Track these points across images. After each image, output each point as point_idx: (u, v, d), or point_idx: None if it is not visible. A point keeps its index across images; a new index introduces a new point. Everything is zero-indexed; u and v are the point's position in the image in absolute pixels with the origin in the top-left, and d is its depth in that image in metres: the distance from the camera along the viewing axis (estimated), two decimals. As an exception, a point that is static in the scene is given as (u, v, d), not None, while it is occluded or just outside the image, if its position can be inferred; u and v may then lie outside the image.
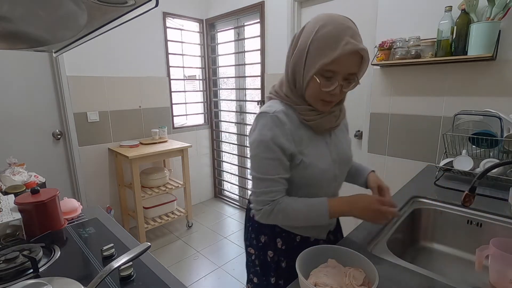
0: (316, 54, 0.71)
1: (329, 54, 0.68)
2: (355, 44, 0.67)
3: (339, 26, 0.69)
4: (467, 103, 1.53)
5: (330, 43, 0.69)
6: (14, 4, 0.45)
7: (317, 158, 0.81)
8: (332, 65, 0.69)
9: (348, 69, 0.70)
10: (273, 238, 0.90)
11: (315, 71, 0.71)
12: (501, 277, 0.80)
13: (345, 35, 0.68)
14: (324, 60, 0.69)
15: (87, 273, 0.80)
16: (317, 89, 0.73)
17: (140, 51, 2.71)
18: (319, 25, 0.71)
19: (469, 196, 0.83)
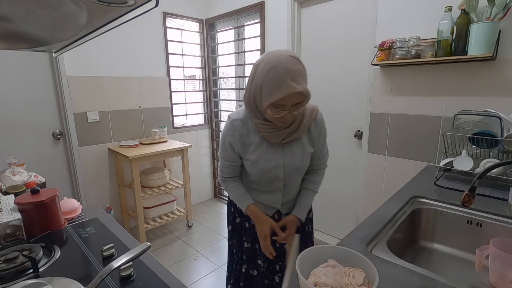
0: (266, 93, 0.88)
1: (274, 95, 0.86)
2: (294, 87, 0.84)
3: (283, 70, 0.86)
4: (467, 103, 1.53)
5: (275, 86, 0.86)
6: (14, 4, 0.45)
7: (261, 160, 1.03)
8: (279, 102, 0.87)
9: (293, 101, 0.88)
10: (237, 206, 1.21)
11: (267, 105, 0.89)
12: (501, 277, 0.80)
13: (286, 79, 0.85)
14: (271, 100, 0.87)
15: (87, 273, 0.80)
16: (271, 116, 0.92)
17: (140, 51, 2.71)
18: (268, 67, 0.88)
19: (469, 196, 0.83)
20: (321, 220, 2.53)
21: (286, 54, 0.89)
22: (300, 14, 2.35)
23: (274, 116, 0.90)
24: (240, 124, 1.02)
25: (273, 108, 0.89)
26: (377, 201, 1.97)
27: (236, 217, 1.24)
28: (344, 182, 2.31)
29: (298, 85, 0.84)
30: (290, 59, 0.88)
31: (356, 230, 0.94)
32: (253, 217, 1.09)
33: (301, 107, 0.91)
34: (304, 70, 0.91)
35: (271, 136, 1.00)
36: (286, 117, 0.90)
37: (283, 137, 1.00)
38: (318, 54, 2.29)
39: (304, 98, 0.89)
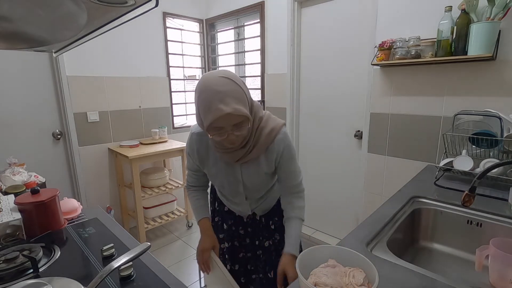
0: (202, 118, 0.84)
1: (206, 119, 0.81)
2: (221, 110, 0.78)
3: (211, 93, 0.80)
4: (467, 103, 1.53)
5: (205, 110, 0.81)
6: (14, 4, 0.45)
7: (219, 175, 1.03)
8: (214, 124, 0.81)
9: (230, 122, 0.81)
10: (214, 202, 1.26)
11: (206, 129, 0.84)
12: (501, 277, 0.80)
13: (214, 101, 0.79)
14: (206, 123, 0.82)
15: (87, 273, 0.80)
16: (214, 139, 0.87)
17: (140, 51, 2.71)
18: (198, 92, 0.83)
19: (469, 196, 0.83)
20: (321, 220, 2.53)
21: (217, 76, 0.83)
22: (300, 14, 2.35)
23: (214, 139, 0.86)
24: (197, 138, 1.00)
25: (212, 131, 0.83)
26: (377, 201, 1.97)
27: (215, 216, 1.25)
28: (344, 182, 2.31)
29: (226, 107, 0.78)
30: (220, 80, 0.82)
31: (356, 230, 0.94)
32: (201, 231, 1.10)
33: (243, 127, 0.84)
34: (239, 89, 0.83)
35: (225, 156, 0.95)
36: (230, 138, 0.84)
37: (237, 159, 0.94)
38: (318, 54, 2.29)
39: (241, 118, 0.82)
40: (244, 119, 0.83)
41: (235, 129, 0.83)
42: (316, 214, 2.53)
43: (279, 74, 2.52)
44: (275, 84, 2.56)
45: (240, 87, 0.84)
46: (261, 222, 1.18)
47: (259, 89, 2.75)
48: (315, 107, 2.39)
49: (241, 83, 0.86)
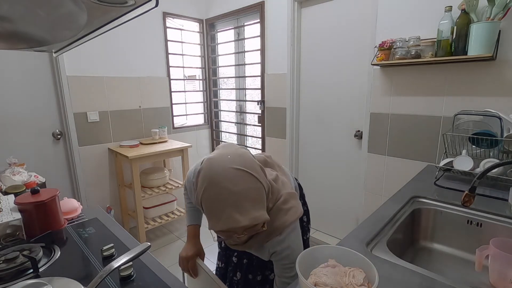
0: (206, 215, 0.69)
1: (214, 224, 0.66)
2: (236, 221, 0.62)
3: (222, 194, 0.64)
4: (467, 103, 1.53)
5: (213, 213, 0.65)
6: (14, 4, 0.45)
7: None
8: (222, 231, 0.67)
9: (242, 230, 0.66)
10: None
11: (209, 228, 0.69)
12: (501, 277, 0.80)
13: (227, 207, 0.63)
14: (211, 226, 0.67)
15: (87, 273, 0.80)
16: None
17: (140, 51, 2.71)
18: (204, 186, 0.67)
19: (469, 196, 0.83)
20: (321, 220, 2.53)
21: (230, 166, 0.65)
22: (300, 14, 2.35)
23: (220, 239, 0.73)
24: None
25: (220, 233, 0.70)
26: (377, 201, 1.97)
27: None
28: (344, 182, 2.31)
29: (242, 217, 0.62)
30: (234, 174, 0.65)
31: (356, 230, 0.94)
32: (188, 236, 1.03)
33: (257, 229, 0.70)
34: (257, 186, 0.67)
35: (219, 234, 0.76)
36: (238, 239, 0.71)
37: (231, 244, 0.84)
38: (318, 54, 2.29)
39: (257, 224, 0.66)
40: (257, 224, 0.67)
41: (246, 232, 0.69)
42: (316, 214, 2.53)
43: (279, 74, 2.52)
44: (275, 84, 2.56)
45: (259, 182, 0.68)
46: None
47: (259, 89, 2.75)
48: (315, 107, 2.39)
49: (259, 173, 0.69)
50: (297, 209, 0.82)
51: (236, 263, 1.04)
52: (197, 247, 1.00)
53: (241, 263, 1.03)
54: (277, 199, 0.80)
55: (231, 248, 1.02)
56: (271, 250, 0.80)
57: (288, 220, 0.78)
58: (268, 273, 1.02)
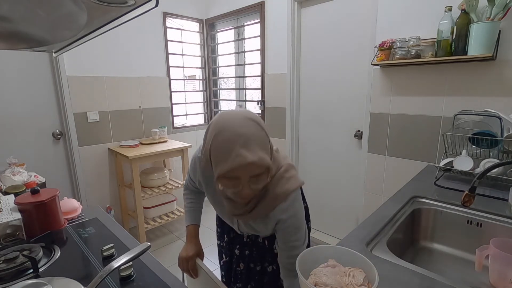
0: (214, 163, 0.71)
1: (222, 166, 0.68)
2: (244, 157, 0.65)
3: (232, 135, 0.68)
4: (467, 103, 1.53)
5: (222, 154, 0.68)
6: (14, 4, 0.45)
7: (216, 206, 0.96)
8: (229, 173, 0.68)
9: (248, 173, 0.68)
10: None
11: (217, 177, 0.70)
12: (501, 277, 0.80)
13: (235, 146, 0.66)
14: (219, 171, 0.69)
15: (87, 273, 0.80)
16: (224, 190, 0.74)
17: (140, 51, 2.71)
18: (215, 133, 0.70)
19: (469, 196, 0.83)
20: (321, 220, 2.53)
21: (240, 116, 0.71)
22: (300, 14, 2.35)
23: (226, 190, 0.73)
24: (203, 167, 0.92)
25: (226, 181, 0.70)
26: (377, 201, 1.97)
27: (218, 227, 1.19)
28: (344, 182, 2.31)
29: (250, 154, 0.66)
30: (244, 121, 0.70)
31: (356, 230, 0.94)
32: (187, 236, 1.03)
33: (262, 180, 0.71)
34: (263, 134, 0.71)
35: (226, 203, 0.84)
36: (244, 192, 0.71)
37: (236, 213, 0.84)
38: (318, 54, 2.29)
39: (262, 169, 0.69)
40: (264, 171, 0.70)
41: (251, 181, 0.70)
42: (316, 214, 2.53)
43: (279, 74, 2.52)
44: (275, 84, 2.56)
45: (265, 132, 0.72)
46: (264, 244, 1.02)
47: (259, 89, 2.75)
48: (315, 107, 2.39)
49: (265, 127, 0.74)
50: (298, 178, 0.85)
51: (238, 255, 1.08)
52: (197, 247, 1.01)
53: (243, 255, 1.06)
54: (279, 168, 0.82)
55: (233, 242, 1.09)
56: (277, 217, 0.82)
57: (290, 188, 0.81)
58: (266, 265, 1.03)
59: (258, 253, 1.03)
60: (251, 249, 1.04)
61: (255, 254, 1.03)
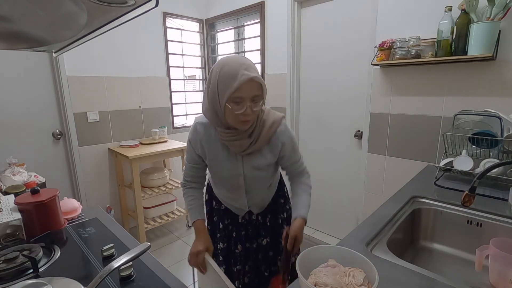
0: (223, 88, 0.88)
1: (231, 85, 0.86)
2: (248, 74, 0.85)
3: (235, 64, 0.88)
4: (467, 103, 1.53)
5: (230, 78, 0.87)
6: (14, 4, 0.45)
7: (220, 168, 1.05)
8: (236, 93, 0.86)
9: (251, 93, 0.88)
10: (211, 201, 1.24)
11: (226, 100, 0.88)
12: (501, 277, 0.80)
13: (240, 69, 0.86)
14: (229, 91, 0.86)
15: (87, 273, 0.80)
16: (232, 113, 0.90)
17: (140, 51, 2.71)
18: (221, 67, 0.89)
19: (469, 196, 0.83)
20: (321, 220, 2.53)
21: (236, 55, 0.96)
22: (300, 14, 2.35)
23: (235, 112, 0.88)
24: (202, 128, 1.02)
25: (232, 104, 0.88)
26: (377, 201, 1.97)
27: (214, 216, 1.23)
28: (344, 182, 2.31)
29: (252, 73, 0.86)
30: (240, 56, 0.93)
31: (356, 230, 0.94)
32: (196, 232, 1.06)
33: (260, 101, 0.91)
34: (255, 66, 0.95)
35: (233, 145, 0.98)
36: (247, 112, 0.88)
37: (244, 148, 0.98)
38: (318, 54, 2.29)
39: (261, 89, 0.90)
40: (260, 94, 0.90)
41: (252, 104, 0.89)
42: (316, 214, 2.53)
43: (279, 74, 2.52)
44: (275, 84, 2.56)
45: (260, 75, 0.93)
46: (257, 220, 1.18)
47: (259, 89, 2.74)
48: (315, 107, 2.39)
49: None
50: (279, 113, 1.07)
51: (235, 237, 1.18)
52: (205, 242, 1.03)
53: (240, 235, 1.18)
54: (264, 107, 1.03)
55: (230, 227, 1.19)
56: (281, 140, 1.02)
57: (279, 116, 1.04)
58: (260, 240, 1.18)
59: (253, 230, 1.18)
60: (246, 229, 1.18)
61: (251, 233, 1.18)
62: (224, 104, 0.89)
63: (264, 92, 0.92)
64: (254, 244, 1.18)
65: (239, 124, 0.93)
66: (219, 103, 0.90)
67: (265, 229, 1.18)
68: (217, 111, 0.93)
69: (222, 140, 1.00)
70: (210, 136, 1.02)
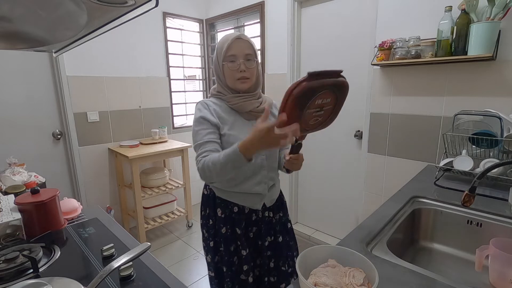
0: (219, 51, 1.04)
1: (225, 45, 1.02)
2: (237, 34, 1.02)
3: (229, 34, 1.04)
4: (467, 103, 1.53)
5: (223, 40, 1.04)
6: (14, 4, 0.45)
7: (239, 133, 1.03)
8: (229, 51, 1.01)
9: (242, 51, 1.01)
10: (214, 209, 1.13)
11: (222, 60, 1.02)
12: (501, 277, 0.80)
13: (232, 35, 1.02)
14: (223, 49, 1.01)
15: (87, 273, 0.80)
16: (230, 71, 1.03)
17: (140, 51, 2.71)
18: (220, 40, 1.06)
19: (469, 196, 0.83)
20: (321, 220, 2.53)
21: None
22: (300, 14, 2.35)
23: (231, 69, 1.01)
24: (212, 101, 1.08)
25: (229, 63, 1.01)
26: (377, 201, 1.97)
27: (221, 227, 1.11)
28: (344, 182, 2.31)
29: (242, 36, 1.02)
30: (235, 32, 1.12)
31: (356, 230, 0.94)
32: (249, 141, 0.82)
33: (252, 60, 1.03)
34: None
35: (244, 105, 1.05)
36: (242, 68, 1.01)
37: (257, 105, 1.06)
38: (318, 54, 2.28)
39: (252, 48, 1.03)
40: (252, 53, 1.03)
41: (246, 61, 1.01)
42: (316, 214, 2.53)
43: (279, 74, 2.52)
44: (275, 84, 2.56)
45: None
46: (269, 217, 1.16)
47: (259, 89, 2.75)
48: (315, 107, 2.39)
49: None
50: None
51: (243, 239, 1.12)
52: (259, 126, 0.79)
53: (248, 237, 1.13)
54: None
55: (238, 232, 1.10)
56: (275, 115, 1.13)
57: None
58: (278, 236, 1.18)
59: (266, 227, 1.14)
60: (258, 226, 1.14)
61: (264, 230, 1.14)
62: (221, 65, 1.03)
63: (255, 51, 1.04)
64: (266, 242, 1.14)
65: (238, 83, 1.03)
66: (219, 67, 1.04)
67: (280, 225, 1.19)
68: (220, 77, 1.06)
69: (233, 105, 1.06)
70: (222, 108, 1.06)
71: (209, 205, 1.15)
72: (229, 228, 1.11)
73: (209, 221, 1.15)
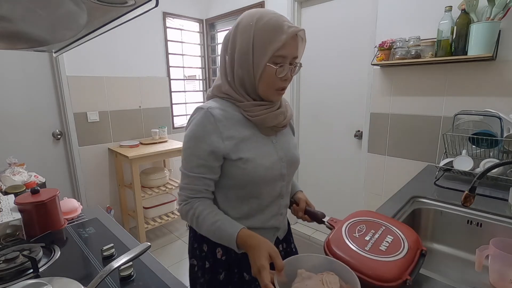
0: (265, 43, 0.70)
1: (278, 39, 0.69)
2: (296, 26, 0.71)
3: (275, 15, 0.73)
4: (467, 103, 1.53)
5: (275, 29, 0.70)
6: (14, 4, 0.45)
7: (260, 156, 0.77)
8: (282, 50, 0.70)
9: (293, 52, 0.74)
10: (212, 248, 0.85)
11: (268, 59, 0.71)
12: (501, 277, 0.80)
13: (284, 21, 0.72)
14: (275, 45, 0.69)
15: (87, 273, 0.80)
16: (272, 77, 0.73)
17: (140, 51, 2.71)
18: (255, 18, 0.72)
19: (469, 196, 0.83)
20: (321, 220, 2.53)
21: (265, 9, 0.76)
22: (300, 14, 2.35)
23: (277, 75, 0.72)
24: (220, 112, 0.74)
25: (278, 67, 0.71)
26: (377, 201, 1.97)
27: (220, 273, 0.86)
28: (344, 182, 2.31)
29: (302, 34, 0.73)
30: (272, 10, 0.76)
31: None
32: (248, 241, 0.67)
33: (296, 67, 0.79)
34: None
35: (267, 118, 0.77)
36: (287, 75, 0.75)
37: (283, 119, 0.81)
38: (318, 54, 2.28)
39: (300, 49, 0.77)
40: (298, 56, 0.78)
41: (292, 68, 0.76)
42: (316, 214, 2.52)
43: (279, 74, 2.52)
44: (275, 84, 2.56)
45: None
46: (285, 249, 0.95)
47: (259, 89, 2.74)
48: (315, 107, 2.39)
49: None
50: None
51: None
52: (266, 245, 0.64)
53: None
54: None
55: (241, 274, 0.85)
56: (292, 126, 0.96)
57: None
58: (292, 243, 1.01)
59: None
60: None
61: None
62: (264, 64, 0.70)
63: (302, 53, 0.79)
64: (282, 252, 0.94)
65: (274, 93, 0.76)
66: (254, 65, 0.71)
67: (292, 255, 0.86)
68: (248, 78, 0.74)
69: (254, 118, 0.76)
70: (234, 120, 0.76)
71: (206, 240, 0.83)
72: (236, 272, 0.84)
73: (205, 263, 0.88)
